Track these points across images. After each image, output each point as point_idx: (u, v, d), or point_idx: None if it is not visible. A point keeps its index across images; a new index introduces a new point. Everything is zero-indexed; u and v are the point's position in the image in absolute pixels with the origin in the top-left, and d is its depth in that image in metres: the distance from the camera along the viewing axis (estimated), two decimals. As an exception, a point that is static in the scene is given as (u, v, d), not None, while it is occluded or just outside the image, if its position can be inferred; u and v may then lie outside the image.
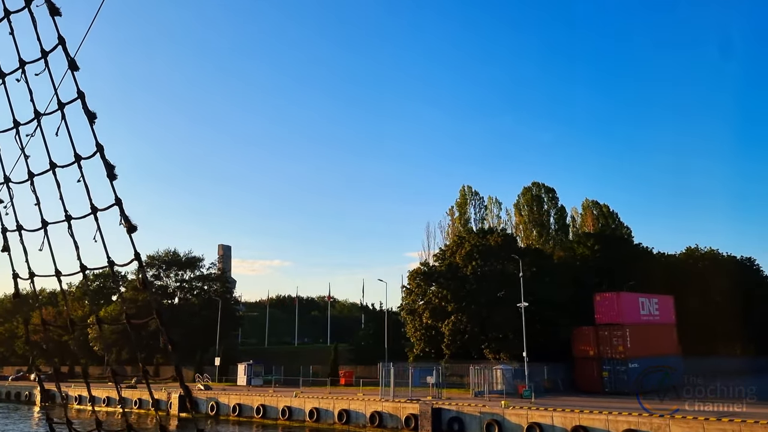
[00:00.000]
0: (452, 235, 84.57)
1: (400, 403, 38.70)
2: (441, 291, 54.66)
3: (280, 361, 74.10)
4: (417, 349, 60.16)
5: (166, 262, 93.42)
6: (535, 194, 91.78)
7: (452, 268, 56.14)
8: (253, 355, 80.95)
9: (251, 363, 68.38)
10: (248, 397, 48.31)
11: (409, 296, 58.74)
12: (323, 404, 42.75)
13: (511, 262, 55.82)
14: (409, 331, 60.35)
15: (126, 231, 2.50)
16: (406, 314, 58.91)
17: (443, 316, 55.16)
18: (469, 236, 59.85)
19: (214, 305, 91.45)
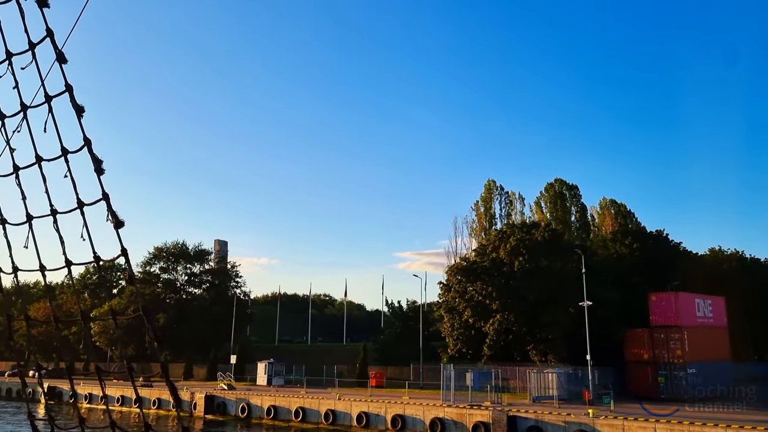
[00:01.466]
0: (479, 230, 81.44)
1: (465, 410, 35.19)
2: (485, 288, 51.23)
3: (294, 360, 70.44)
4: (452, 350, 56.78)
5: (174, 254, 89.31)
6: (558, 191, 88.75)
7: (496, 264, 52.78)
8: (264, 353, 77.08)
9: (272, 362, 64.58)
10: (284, 398, 44.61)
11: (448, 293, 55.28)
12: (372, 408, 39.19)
13: (558, 259, 52.59)
14: (444, 330, 56.96)
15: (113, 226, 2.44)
16: (445, 312, 55.44)
17: (486, 314, 51.79)
18: (510, 230, 56.46)
19: (225, 301, 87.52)
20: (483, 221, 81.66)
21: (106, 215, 2.46)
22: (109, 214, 2.46)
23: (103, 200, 2.47)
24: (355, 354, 74.60)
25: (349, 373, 63.18)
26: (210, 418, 47.92)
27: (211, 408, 48.50)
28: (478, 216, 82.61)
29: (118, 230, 2.47)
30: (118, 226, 2.45)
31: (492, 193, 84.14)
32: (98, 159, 2.48)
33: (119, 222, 2.46)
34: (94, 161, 2.47)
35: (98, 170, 2.47)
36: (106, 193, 2.47)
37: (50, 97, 2.64)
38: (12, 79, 2.76)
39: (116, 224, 2.45)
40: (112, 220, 2.45)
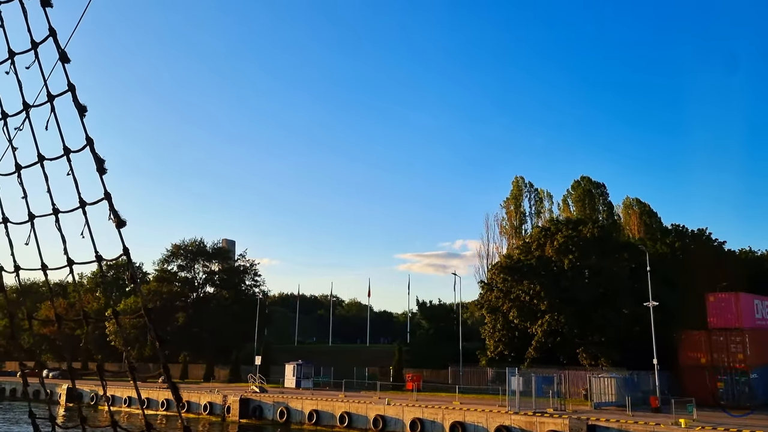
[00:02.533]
0: (510, 228, 78.96)
1: (536, 417, 32.60)
2: (533, 287, 48.68)
3: (316, 361, 67.88)
4: (491, 352, 54.28)
5: (192, 252, 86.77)
6: (585, 188, 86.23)
7: (543, 262, 50.22)
8: (286, 354, 74.49)
9: (300, 363, 62.01)
10: (327, 402, 42.03)
11: (490, 292, 52.72)
12: (427, 414, 36.60)
13: (608, 257, 50.02)
14: (484, 332, 54.43)
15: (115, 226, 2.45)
16: (486, 312, 52.91)
17: (533, 315, 49.26)
18: (555, 226, 53.91)
19: (245, 300, 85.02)
20: (513, 219, 79.26)
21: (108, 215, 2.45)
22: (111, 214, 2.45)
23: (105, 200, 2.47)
24: (380, 356, 72.10)
25: (382, 375, 60.62)
26: (245, 423, 45.36)
27: (246, 412, 45.93)
28: (508, 214, 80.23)
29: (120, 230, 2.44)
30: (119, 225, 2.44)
31: (521, 191, 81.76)
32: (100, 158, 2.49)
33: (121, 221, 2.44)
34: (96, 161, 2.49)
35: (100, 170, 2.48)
36: (108, 192, 2.47)
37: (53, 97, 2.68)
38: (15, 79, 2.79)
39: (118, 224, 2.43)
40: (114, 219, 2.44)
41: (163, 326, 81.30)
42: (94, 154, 2.49)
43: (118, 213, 2.45)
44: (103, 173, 2.47)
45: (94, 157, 2.48)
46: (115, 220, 2.44)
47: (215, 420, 47.75)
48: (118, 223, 2.44)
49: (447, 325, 62.99)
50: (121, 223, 2.44)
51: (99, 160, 2.47)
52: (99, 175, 2.47)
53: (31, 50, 2.69)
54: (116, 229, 2.45)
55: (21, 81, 2.76)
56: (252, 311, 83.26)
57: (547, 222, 55.88)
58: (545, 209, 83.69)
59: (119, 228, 2.45)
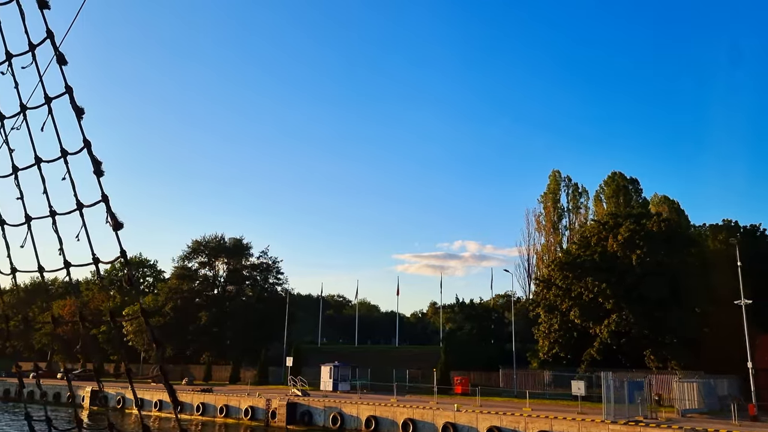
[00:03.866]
0: (548, 224, 75.85)
1: (639, 428, 29.38)
2: (597, 285, 45.52)
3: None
4: (544, 353, 51.16)
5: (213, 248, 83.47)
6: (620, 184, 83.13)
7: (606, 258, 47.06)
8: (310, 354, 71.30)
9: (338, 365, 58.82)
10: (387, 408, 38.78)
11: (548, 290, 49.53)
12: (507, 423, 33.37)
13: (676, 253, 46.89)
14: (539, 332, 51.25)
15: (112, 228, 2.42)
16: (543, 311, 49.74)
17: (597, 315, 46.10)
18: (614, 220, 50.76)
19: (270, 298, 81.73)
20: (552, 215, 76.14)
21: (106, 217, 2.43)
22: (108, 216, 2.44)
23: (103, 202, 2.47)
24: (410, 357, 68.99)
25: (423, 378, 57.39)
26: (293, 429, 42.12)
27: (294, 417, 42.69)
28: (545, 209, 77.11)
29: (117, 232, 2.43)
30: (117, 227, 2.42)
31: (559, 185, 78.71)
32: (98, 161, 2.49)
33: (118, 224, 2.43)
34: (94, 163, 2.49)
35: (98, 172, 2.47)
36: (106, 194, 2.47)
37: (50, 99, 2.68)
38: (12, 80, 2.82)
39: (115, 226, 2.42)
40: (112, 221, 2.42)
41: (184, 325, 78.04)
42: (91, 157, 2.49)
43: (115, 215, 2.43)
44: (100, 175, 2.46)
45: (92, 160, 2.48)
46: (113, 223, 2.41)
47: (258, 425, 44.53)
48: (115, 225, 2.41)
49: (489, 325, 59.81)
50: (119, 226, 2.41)
51: (96, 163, 2.47)
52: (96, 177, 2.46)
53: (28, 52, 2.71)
54: (113, 231, 2.41)
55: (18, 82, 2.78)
56: (276, 310, 80.00)
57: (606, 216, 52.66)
58: (581, 204, 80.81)
59: (116, 230, 2.41)
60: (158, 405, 52.47)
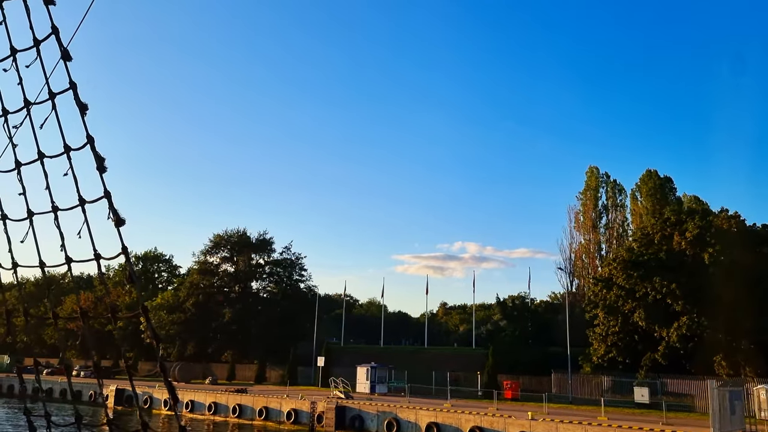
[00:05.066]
0: (588, 221, 72.98)
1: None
2: (666, 285, 42.53)
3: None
4: (599, 357, 48.20)
5: (235, 243, 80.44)
6: (657, 182, 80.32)
7: (673, 256, 44.08)
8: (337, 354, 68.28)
9: (374, 366, 55.83)
10: (450, 414, 35.81)
11: (608, 290, 46.55)
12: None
13: (750, 252, 43.93)
14: (594, 335, 48.29)
15: (114, 224, 2.44)
16: (602, 312, 46.77)
17: (665, 317, 43.12)
18: (676, 216, 47.80)
19: (295, 295, 78.79)
20: (591, 212, 73.26)
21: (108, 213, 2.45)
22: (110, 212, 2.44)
23: (105, 198, 2.47)
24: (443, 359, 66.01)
25: (466, 381, 54.43)
26: (342, 436, 39.18)
27: (342, 422, 39.71)
28: (584, 206, 74.24)
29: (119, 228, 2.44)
30: (119, 224, 2.43)
31: (597, 182, 75.88)
32: (101, 157, 2.49)
33: (120, 220, 2.43)
34: (97, 159, 2.48)
35: (100, 168, 2.47)
36: (108, 191, 2.47)
37: (54, 94, 2.67)
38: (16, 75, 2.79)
39: (117, 222, 2.43)
40: (114, 218, 2.43)
41: (206, 322, 75.11)
42: (94, 153, 2.48)
43: (117, 211, 2.42)
44: (103, 171, 2.46)
45: (95, 156, 2.47)
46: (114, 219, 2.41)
47: (302, 430, 41.60)
48: (117, 221, 2.41)
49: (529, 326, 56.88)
50: (120, 222, 2.41)
51: (99, 159, 2.46)
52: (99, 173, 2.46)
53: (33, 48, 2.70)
54: (115, 227, 2.42)
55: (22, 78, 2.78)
56: (302, 308, 77.09)
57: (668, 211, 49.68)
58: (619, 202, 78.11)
59: (118, 227, 2.42)
60: (189, 406, 49.57)
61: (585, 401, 46.91)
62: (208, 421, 47.42)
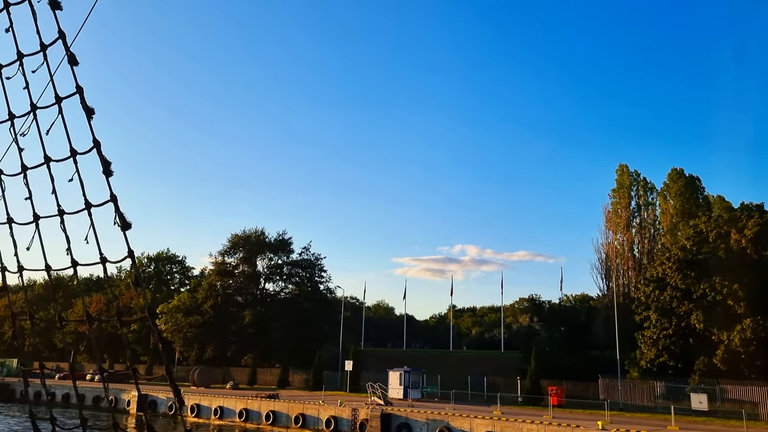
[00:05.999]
0: (623, 220, 70.72)
1: None
2: (728, 285, 40.24)
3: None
4: (648, 362, 45.91)
5: (254, 243, 78.08)
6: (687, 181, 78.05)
7: (733, 255, 41.78)
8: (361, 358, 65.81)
9: (408, 370, 53.49)
10: (510, 424, 33.44)
11: (662, 291, 44.25)
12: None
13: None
14: (643, 338, 45.97)
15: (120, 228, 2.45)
16: (655, 314, 44.47)
17: (726, 320, 40.80)
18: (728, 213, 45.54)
19: (317, 297, 76.46)
20: (621, 211, 71.03)
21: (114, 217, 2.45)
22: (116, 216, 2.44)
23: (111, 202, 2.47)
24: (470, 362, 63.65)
25: (506, 386, 52.06)
26: (388, 446, 36.83)
27: (388, 430, 37.41)
28: (615, 205, 72.03)
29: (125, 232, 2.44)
30: (125, 228, 2.44)
31: (630, 180, 73.70)
32: (107, 161, 2.49)
33: (126, 224, 2.44)
34: (103, 163, 2.49)
35: (107, 172, 2.48)
36: (114, 195, 2.47)
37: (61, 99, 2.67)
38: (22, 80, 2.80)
39: (123, 226, 2.43)
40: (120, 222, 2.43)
41: (225, 324, 72.76)
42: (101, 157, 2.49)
43: (123, 215, 2.43)
44: (109, 175, 2.47)
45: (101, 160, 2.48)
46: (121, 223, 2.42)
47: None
48: (123, 225, 2.42)
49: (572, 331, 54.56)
50: (127, 226, 2.42)
51: (106, 163, 2.48)
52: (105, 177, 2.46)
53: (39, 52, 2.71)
54: (122, 231, 2.42)
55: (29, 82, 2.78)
56: (324, 310, 74.84)
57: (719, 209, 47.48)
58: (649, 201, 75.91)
59: (124, 230, 2.42)
60: (218, 412, 47.21)
61: (636, 408, 44.60)
62: (239, 429, 45.09)
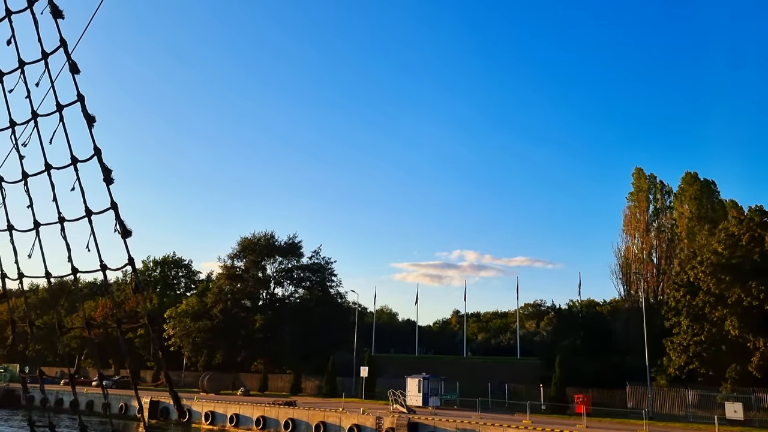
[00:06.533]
0: (642, 224, 69.46)
1: None
2: (765, 290, 38.94)
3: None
4: (676, 369, 44.55)
5: (265, 247, 76.65)
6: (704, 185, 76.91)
7: (767, 259, 40.53)
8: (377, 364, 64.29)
9: (427, 377, 52.12)
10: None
11: (693, 295, 42.94)
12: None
13: None
14: (672, 344, 44.60)
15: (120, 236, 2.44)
16: (687, 320, 43.15)
17: (762, 326, 39.50)
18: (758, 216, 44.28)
19: (328, 302, 74.99)
20: (638, 214, 69.85)
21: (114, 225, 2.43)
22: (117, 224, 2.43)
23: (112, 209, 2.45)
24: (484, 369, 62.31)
25: (528, 393, 50.61)
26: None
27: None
28: (632, 209, 70.82)
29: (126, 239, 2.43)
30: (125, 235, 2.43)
31: (647, 184, 72.52)
32: (108, 168, 2.48)
33: (127, 231, 2.43)
34: (104, 171, 2.48)
35: (107, 180, 2.46)
36: (115, 202, 2.45)
37: (62, 106, 2.68)
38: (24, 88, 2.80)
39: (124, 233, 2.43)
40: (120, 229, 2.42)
41: (235, 329, 71.28)
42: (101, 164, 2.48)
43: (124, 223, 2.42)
44: (110, 183, 2.45)
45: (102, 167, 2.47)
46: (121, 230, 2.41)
47: None
48: (123, 233, 2.41)
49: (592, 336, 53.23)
50: (127, 233, 2.41)
51: (106, 170, 2.46)
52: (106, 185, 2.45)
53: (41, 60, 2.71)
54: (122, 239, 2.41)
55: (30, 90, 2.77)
56: (336, 315, 73.46)
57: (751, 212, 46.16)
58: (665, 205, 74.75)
59: (125, 238, 2.41)
60: (234, 420, 45.77)
61: (667, 417, 43.24)
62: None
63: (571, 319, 57.20)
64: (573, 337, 54.98)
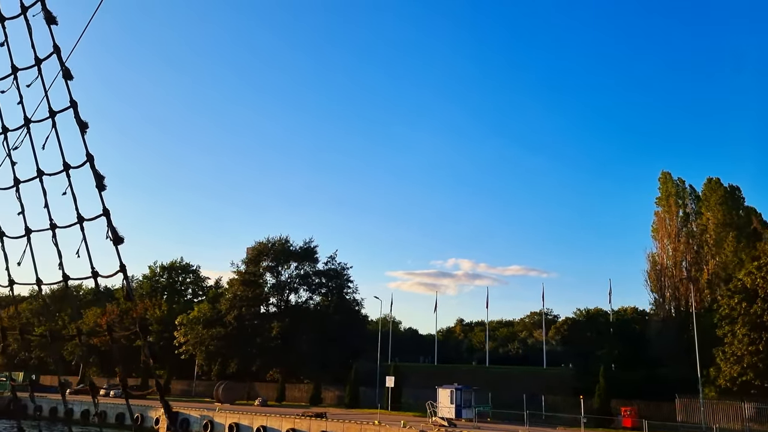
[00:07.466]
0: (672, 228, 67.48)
1: None
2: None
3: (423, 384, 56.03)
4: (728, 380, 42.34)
5: (280, 252, 74.14)
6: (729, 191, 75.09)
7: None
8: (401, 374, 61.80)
9: (460, 388, 49.68)
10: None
11: (750, 304, 40.76)
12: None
13: None
14: (723, 355, 42.41)
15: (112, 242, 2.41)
16: (743, 328, 40.97)
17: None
18: None
19: (345, 308, 72.49)
20: (673, 220, 67.86)
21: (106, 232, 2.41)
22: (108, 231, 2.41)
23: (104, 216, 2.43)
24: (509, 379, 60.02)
25: (565, 405, 48.26)
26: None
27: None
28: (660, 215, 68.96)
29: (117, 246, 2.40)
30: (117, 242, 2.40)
31: (676, 188, 70.68)
32: (100, 175, 2.46)
33: (119, 238, 2.40)
34: (96, 177, 2.45)
35: (100, 186, 2.44)
36: (107, 209, 2.44)
37: (54, 113, 2.65)
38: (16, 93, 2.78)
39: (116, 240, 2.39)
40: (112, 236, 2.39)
41: (250, 337, 68.68)
42: (94, 171, 2.45)
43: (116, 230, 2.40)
44: (102, 190, 2.43)
45: (94, 174, 2.44)
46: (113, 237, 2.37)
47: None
48: (115, 239, 2.37)
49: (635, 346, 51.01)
50: (119, 240, 2.38)
51: (99, 177, 2.43)
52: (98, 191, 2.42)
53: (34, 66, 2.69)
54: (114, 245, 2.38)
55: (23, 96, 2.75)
56: (354, 322, 71.01)
57: None
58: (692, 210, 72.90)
59: (117, 245, 2.38)
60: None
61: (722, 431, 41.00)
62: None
63: (606, 327, 54.89)
64: (609, 347, 52.64)
